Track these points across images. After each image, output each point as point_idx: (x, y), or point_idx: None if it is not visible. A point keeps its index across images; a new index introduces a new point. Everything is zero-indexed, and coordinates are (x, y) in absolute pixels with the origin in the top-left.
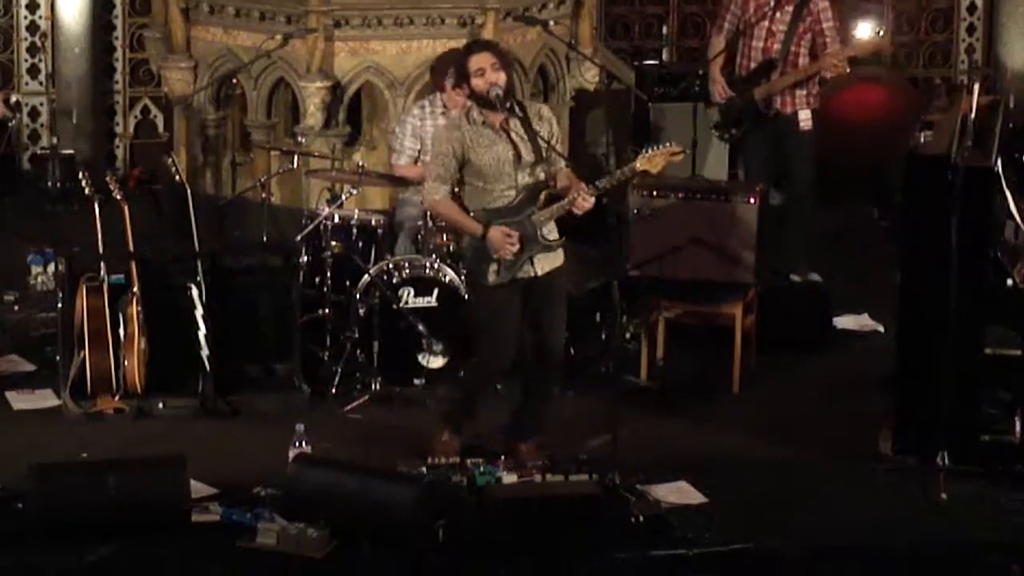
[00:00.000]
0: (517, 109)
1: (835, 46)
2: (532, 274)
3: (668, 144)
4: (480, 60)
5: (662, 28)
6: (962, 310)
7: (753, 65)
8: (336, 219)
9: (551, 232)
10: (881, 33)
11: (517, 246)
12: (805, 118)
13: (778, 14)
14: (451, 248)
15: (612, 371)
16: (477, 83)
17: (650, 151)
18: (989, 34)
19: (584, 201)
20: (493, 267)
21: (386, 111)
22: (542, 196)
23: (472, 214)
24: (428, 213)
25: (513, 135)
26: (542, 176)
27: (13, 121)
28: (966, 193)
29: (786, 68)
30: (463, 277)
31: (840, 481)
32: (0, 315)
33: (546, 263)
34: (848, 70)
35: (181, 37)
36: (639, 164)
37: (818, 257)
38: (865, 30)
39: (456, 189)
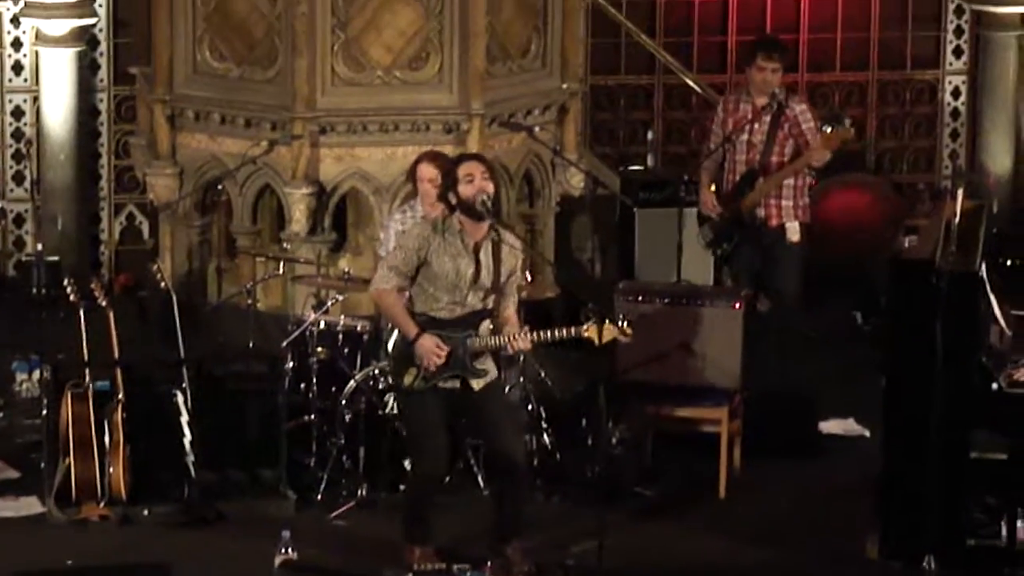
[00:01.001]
0: (496, 230)
1: (815, 143)
2: (458, 386)
3: (622, 323)
4: (470, 167)
5: (647, 134)
6: (948, 414)
7: (737, 178)
8: (322, 325)
9: (481, 362)
10: (848, 124)
11: (442, 362)
12: (793, 230)
13: (756, 125)
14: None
15: (598, 476)
16: (465, 189)
17: (601, 323)
18: (973, 140)
19: (521, 343)
20: (412, 371)
21: (371, 217)
22: (484, 325)
23: (414, 316)
24: None
25: (482, 255)
26: (489, 304)
27: None
28: (951, 297)
29: (768, 175)
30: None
31: None
32: None
33: (481, 379)
34: (828, 157)
35: (166, 144)
36: (584, 331)
37: (802, 362)
38: (826, 128)
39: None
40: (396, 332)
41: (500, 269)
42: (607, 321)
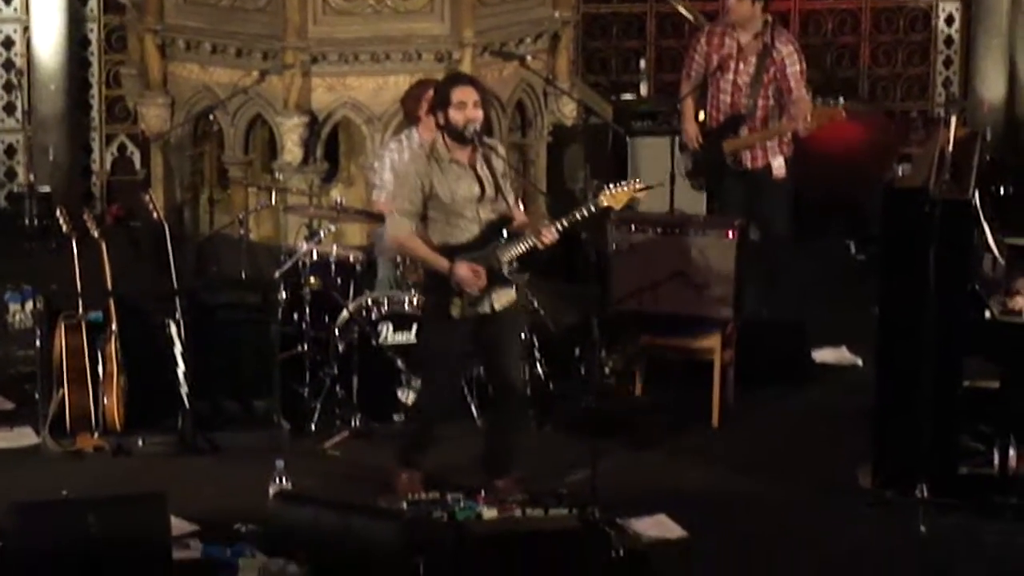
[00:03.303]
0: (482, 146)
1: (799, 92)
2: (488, 310)
3: (633, 180)
4: (463, 93)
5: (639, 63)
6: (940, 343)
7: (722, 118)
8: (314, 255)
9: (514, 268)
10: (842, 104)
11: (484, 281)
12: (778, 166)
13: (741, 65)
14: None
15: (592, 405)
16: (455, 115)
17: (614, 187)
18: (966, 67)
19: (548, 235)
20: (458, 301)
21: (363, 147)
22: (505, 231)
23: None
24: None
25: (479, 170)
26: (502, 211)
27: None
28: (944, 226)
29: (754, 123)
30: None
31: (819, 514)
32: None
33: (502, 299)
34: (813, 128)
35: (157, 74)
36: (603, 200)
37: (794, 292)
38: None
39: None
40: (424, 271)
41: (496, 176)
42: (620, 184)
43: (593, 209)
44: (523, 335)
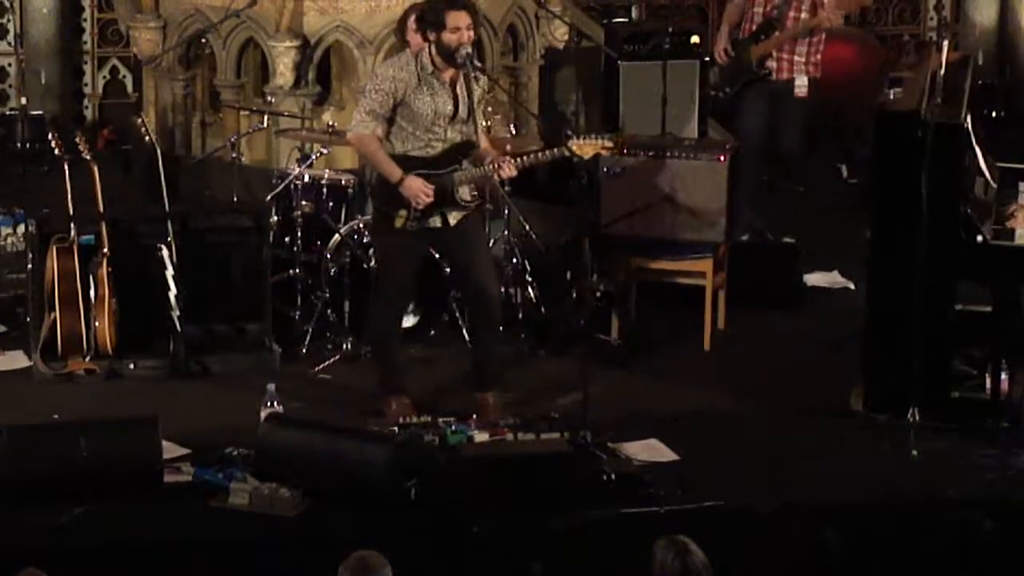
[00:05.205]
0: (473, 69)
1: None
2: (440, 224)
3: (602, 137)
4: (459, 18)
5: None
6: (932, 266)
7: (754, 28)
8: (306, 179)
9: (467, 193)
10: None
11: (431, 199)
12: (801, 84)
13: None
14: None
15: (583, 329)
16: (449, 38)
17: (583, 139)
18: None
19: (507, 169)
20: (403, 212)
21: (355, 70)
22: (468, 156)
23: (394, 157)
24: None
25: (458, 89)
26: (470, 136)
27: None
28: (936, 149)
29: (783, 31)
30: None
31: (812, 437)
32: None
33: (457, 215)
34: (840, 20)
35: None
36: (570, 148)
37: (787, 214)
38: None
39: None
40: (376, 176)
41: (472, 99)
42: (590, 137)
43: (558, 154)
44: (487, 239)
